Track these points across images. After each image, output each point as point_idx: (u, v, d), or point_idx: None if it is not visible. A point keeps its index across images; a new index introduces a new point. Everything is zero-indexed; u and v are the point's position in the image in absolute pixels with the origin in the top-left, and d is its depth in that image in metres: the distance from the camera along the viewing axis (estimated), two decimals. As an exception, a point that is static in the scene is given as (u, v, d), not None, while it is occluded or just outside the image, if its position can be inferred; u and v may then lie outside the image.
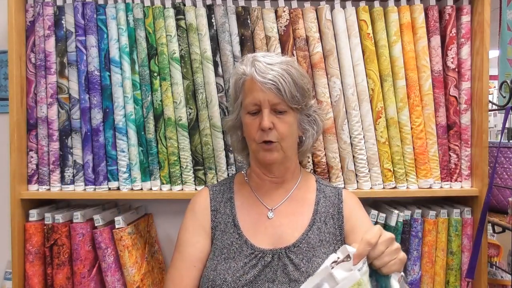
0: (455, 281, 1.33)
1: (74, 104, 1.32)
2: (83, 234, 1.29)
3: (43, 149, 1.33)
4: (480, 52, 1.31)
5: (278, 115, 1.01)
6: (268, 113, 1.00)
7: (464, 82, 1.34)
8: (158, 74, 1.32)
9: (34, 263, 1.30)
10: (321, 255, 1.01)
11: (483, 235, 1.28)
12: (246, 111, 1.04)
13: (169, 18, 1.31)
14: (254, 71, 1.00)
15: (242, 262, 1.00)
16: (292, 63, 1.05)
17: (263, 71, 0.99)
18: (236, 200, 1.11)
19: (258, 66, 1.00)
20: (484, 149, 1.30)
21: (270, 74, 0.99)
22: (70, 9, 1.32)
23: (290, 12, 1.33)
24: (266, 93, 0.99)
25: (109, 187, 1.34)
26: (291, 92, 0.99)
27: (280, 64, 1.01)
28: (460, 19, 1.34)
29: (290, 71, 1.01)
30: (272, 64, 1.01)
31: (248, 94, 1.02)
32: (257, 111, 1.02)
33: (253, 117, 1.02)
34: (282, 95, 0.99)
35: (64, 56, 1.33)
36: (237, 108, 1.09)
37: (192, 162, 1.33)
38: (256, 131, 1.02)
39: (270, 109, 1.00)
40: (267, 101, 0.99)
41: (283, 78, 0.99)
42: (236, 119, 1.10)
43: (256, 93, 1.00)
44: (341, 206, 1.09)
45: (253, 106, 1.01)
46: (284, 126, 1.02)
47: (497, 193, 1.43)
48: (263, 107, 1.00)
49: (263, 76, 0.99)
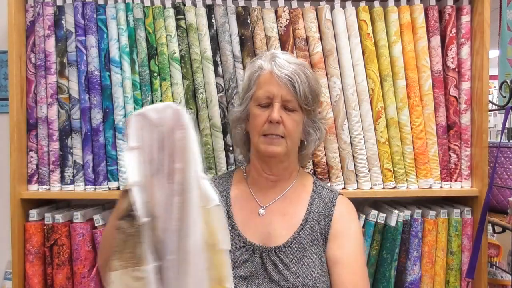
0: (455, 281, 1.33)
1: (74, 104, 1.32)
2: (83, 234, 1.29)
3: (43, 149, 1.33)
4: (480, 52, 1.31)
5: (287, 112, 1.03)
6: (279, 107, 1.01)
7: (464, 82, 1.34)
8: (158, 74, 1.32)
9: (34, 263, 1.30)
10: (312, 256, 1.02)
11: (483, 235, 1.28)
12: (256, 103, 1.05)
13: (169, 18, 1.31)
14: (274, 65, 1.03)
15: (234, 255, 1.02)
16: (308, 67, 1.10)
17: (282, 65, 1.02)
18: (231, 191, 1.13)
19: (278, 61, 1.03)
20: (484, 149, 1.30)
21: (288, 70, 1.01)
22: (70, 9, 1.32)
23: (290, 12, 1.33)
24: (281, 87, 1.01)
25: (109, 187, 1.33)
26: (304, 92, 1.02)
27: (298, 65, 1.04)
28: (460, 19, 1.34)
29: (307, 73, 1.04)
30: (291, 62, 1.04)
31: (262, 86, 1.04)
32: (268, 104, 1.03)
33: (262, 109, 1.04)
34: (296, 92, 1.01)
35: (64, 56, 1.33)
36: (247, 100, 1.10)
37: (192, 162, 1.33)
38: (263, 123, 1.03)
39: (281, 104, 1.02)
40: (280, 95, 1.02)
41: (299, 77, 1.01)
42: (243, 111, 1.11)
43: (271, 86, 1.02)
44: (332, 209, 1.08)
45: (265, 99, 1.03)
46: (292, 123, 1.03)
47: (497, 193, 1.43)
48: (274, 101, 1.02)
49: (281, 70, 1.01)
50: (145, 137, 0.70)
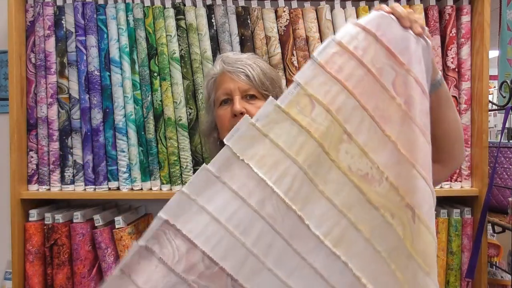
0: (455, 281, 1.33)
1: (74, 104, 1.32)
2: (83, 234, 1.29)
3: (43, 149, 1.33)
4: (480, 52, 1.31)
5: (249, 101, 1.01)
6: (239, 99, 1.00)
7: (464, 82, 1.34)
8: (158, 74, 1.32)
9: (34, 263, 1.30)
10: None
11: (483, 235, 1.28)
12: (218, 105, 1.04)
13: (169, 18, 1.31)
14: (223, 64, 1.04)
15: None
16: (261, 58, 1.10)
17: (231, 61, 1.03)
18: None
19: (226, 59, 1.04)
20: (484, 149, 1.30)
21: (238, 63, 1.02)
22: (70, 9, 1.32)
23: (290, 12, 1.33)
24: (235, 80, 1.01)
25: (109, 187, 1.33)
26: (260, 79, 1.01)
27: (247, 58, 1.05)
28: (460, 19, 1.34)
29: (258, 63, 1.04)
30: (240, 57, 1.05)
31: (219, 87, 1.04)
32: (228, 99, 1.02)
33: (224, 107, 1.02)
34: (252, 81, 1.00)
35: (64, 56, 1.33)
36: (211, 108, 1.09)
37: (192, 162, 1.33)
38: (229, 119, 1.01)
39: (241, 96, 1.01)
40: (237, 88, 1.01)
41: (251, 67, 1.02)
42: (211, 120, 1.10)
43: (226, 84, 1.02)
44: None
45: (224, 95, 1.02)
46: (257, 111, 1.02)
47: (497, 193, 1.42)
48: (234, 95, 1.01)
49: (232, 65, 1.02)
50: None
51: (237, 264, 0.67)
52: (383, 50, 0.73)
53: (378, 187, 0.71)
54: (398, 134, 0.72)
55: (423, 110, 0.73)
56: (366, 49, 0.72)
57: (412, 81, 0.72)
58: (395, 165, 0.72)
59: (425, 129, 0.73)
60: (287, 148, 0.69)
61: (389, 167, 0.72)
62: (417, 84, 0.72)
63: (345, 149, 0.71)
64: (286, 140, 0.69)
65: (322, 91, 0.70)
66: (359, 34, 0.73)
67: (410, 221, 0.71)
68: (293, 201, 0.69)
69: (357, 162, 0.71)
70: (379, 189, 0.71)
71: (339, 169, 0.71)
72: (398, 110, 0.72)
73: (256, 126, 0.69)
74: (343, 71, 0.71)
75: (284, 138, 0.69)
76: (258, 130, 0.69)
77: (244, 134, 0.69)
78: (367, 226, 0.71)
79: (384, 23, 0.74)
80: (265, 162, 0.69)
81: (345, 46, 0.72)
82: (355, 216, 0.71)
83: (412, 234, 0.71)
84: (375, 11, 0.76)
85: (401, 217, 0.71)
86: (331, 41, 0.72)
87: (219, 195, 0.68)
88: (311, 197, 0.70)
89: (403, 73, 0.72)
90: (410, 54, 0.73)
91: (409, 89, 0.72)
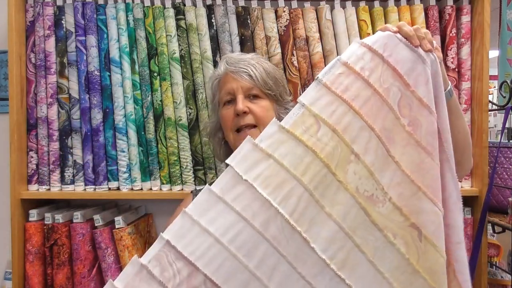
0: (455, 281, 1.33)
1: (74, 104, 1.32)
2: (83, 234, 1.29)
3: (43, 149, 1.33)
4: (480, 52, 1.30)
5: (253, 100, 1.02)
6: (243, 99, 1.01)
7: (464, 82, 1.34)
8: (158, 74, 1.32)
9: (34, 263, 1.30)
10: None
11: (483, 235, 1.28)
12: (222, 105, 1.05)
13: (169, 18, 1.31)
14: (226, 65, 1.04)
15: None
16: (264, 58, 1.11)
17: (234, 62, 1.04)
18: None
19: (229, 60, 1.05)
20: (484, 149, 1.30)
21: (241, 63, 1.03)
22: (70, 9, 1.32)
23: (290, 12, 1.32)
24: (238, 81, 1.02)
25: (109, 187, 1.33)
26: (263, 78, 1.02)
27: (251, 58, 1.05)
28: (460, 19, 1.34)
29: (261, 63, 1.05)
30: (243, 57, 1.06)
31: (222, 88, 1.05)
32: (231, 99, 1.03)
33: (228, 107, 1.03)
34: (254, 80, 1.01)
35: (64, 56, 1.33)
36: (215, 108, 1.10)
37: (192, 162, 1.33)
38: (232, 118, 1.02)
39: (244, 95, 1.01)
40: (240, 87, 1.02)
41: (254, 67, 1.02)
42: (216, 120, 1.11)
43: (230, 83, 1.03)
44: None
45: (228, 95, 1.03)
46: (261, 110, 1.02)
47: (497, 193, 1.42)
48: (237, 94, 1.01)
49: (234, 66, 1.03)
50: None
51: (239, 287, 0.66)
52: (389, 71, 0.72)
53: (381, 208, 0.71)
54: (401, 156, 0.71)
55: (429, 131, 0.72)
56: (373, 69, 0.72)
57: (418, 103, 0.72)
58: (398, 186, 0.71)
59: (432, 150, 0.72)
60: (292, 168, 0.68)
61: (392, 187, 0.71)
62: (423, 106, 0.72)
63: (353, 170, 0.70)
64: (291, 160, 0.69)
65: (328, 111, 0.70)
66: (365, 55, 0.72)
67: (416, 240, 0.71)
68: (299, 222, 0.68)
69: (364, 183, 0.70)
70: (382, 210, 0.71)
71: (347, 191, 0.70)
72: (402, 131, 0.72)
73: (260, 147, 0.69)
74: (349, 91, 0.71)
75: (289, 158, 0.69)
76: (262, 150, 0.69)
77: (248, 155, 0.69)
78: (371, 247, 0.70)
79: (391, 44, 0.73)
80: (270, 182, 0.68)
81: (351, 67, 0.71)
82: (360, 238, 0.70)
83: (418, 252, 0.71)
84: (381, 31, 0.75)
85: (404, 236, 0.71)
86: (337, 62, 0.72)
87: (222, 216, 0.67)
88: (317, 218, 0.69)
89: (408, 95, 0.72)
90: (417, 75, 0.73)
91: (414, 111, 0.72)
